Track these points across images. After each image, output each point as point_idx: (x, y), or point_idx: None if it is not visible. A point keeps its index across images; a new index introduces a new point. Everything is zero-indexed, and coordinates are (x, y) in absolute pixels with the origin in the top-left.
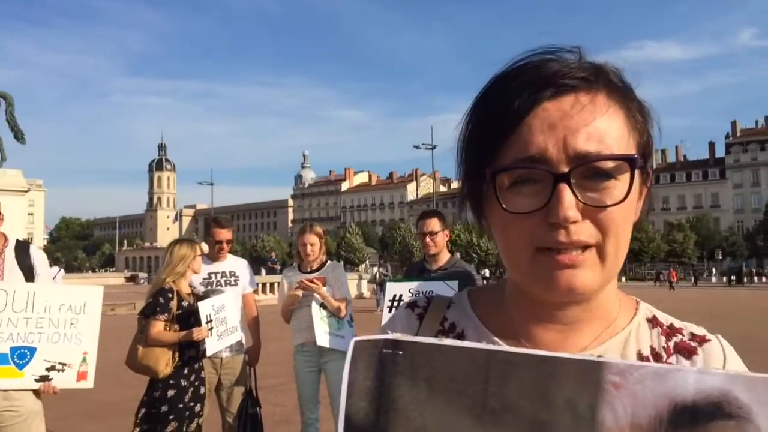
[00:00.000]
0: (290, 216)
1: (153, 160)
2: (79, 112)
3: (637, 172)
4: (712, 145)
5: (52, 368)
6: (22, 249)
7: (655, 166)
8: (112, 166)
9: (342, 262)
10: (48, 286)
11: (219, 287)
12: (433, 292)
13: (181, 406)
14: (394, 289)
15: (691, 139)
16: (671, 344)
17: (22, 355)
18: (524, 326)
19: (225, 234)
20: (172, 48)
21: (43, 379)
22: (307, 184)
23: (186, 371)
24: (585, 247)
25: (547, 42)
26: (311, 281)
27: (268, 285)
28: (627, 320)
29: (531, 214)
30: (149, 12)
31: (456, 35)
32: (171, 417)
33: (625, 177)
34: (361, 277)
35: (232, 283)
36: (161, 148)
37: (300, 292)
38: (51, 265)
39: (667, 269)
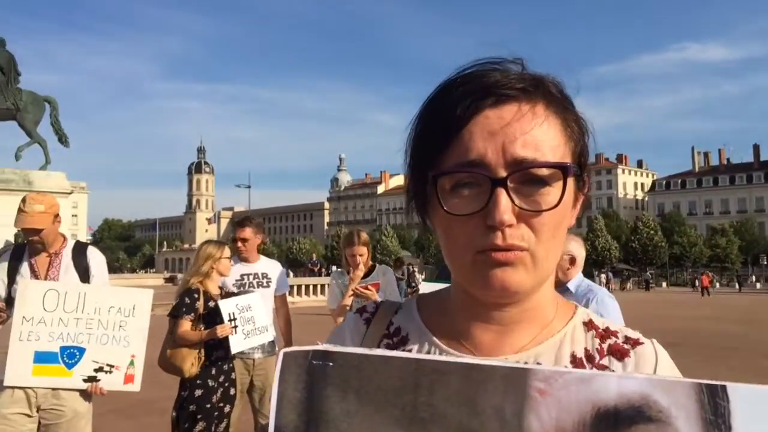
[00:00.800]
0: (326, 219)
1: (192, 163)
2: (121, 115)
3: (571, 180)
4: (756, 148)
5: (99, 369)
6: (80, 250)
7: (697, 170)
8: (152, 168)
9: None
10: (99, 287)
11: (251, 288)
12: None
13: (208, 406)
14: (427, 289)
15: (734, 142)
16: (605, 346)
17: (71, 355)
18: (465, 327)
19: (243, 232)
20: (210, 52)
21: (91, 379)
22: (343, 187)
23: (213, 372)
24: (518, 249)
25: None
26: (366, 288)
27: (303, 287)
28: (563, 323)
29: (470, 216)
30: (188, 16)
31: (488, 38)
32: (199, 416)
33: (559, 184)
34: None
35: (264, 284)
36: (200, 151)
37: (350, 300)
38: None
39: (709, 274)
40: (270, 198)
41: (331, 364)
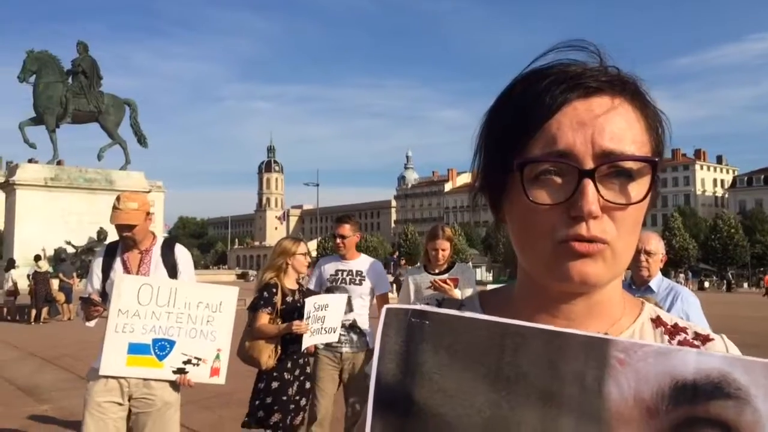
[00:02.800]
0: (393, 216)
1: (262, 162)
2: (195, 116)
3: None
4: None
5: (188, 362)
6: (168, 247)
7: None
8: (224, 167)
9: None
10: (189, 283)
11: (342, 284)
12: None
13: (284, 398)
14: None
15: None
16: (674, 343)
17: (162, 347)
18: (531, 321)
19: (342, 229)
20: (278, 53)
21: (180, 371)
22: (410, 185)
23: (289, 365)
24: (601, 242)
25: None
26: (444, 281)
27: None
28: (631, 320)
29: (553, 207)
30: (258, 19)
31: (557, 32)
32: (275, 408)
33: (646, 178)
34: None
35: (357, 282)
36: (270, 150)
37: (431, 293)
38: None
39: None
40: (337, 196)
41: (427, 322)
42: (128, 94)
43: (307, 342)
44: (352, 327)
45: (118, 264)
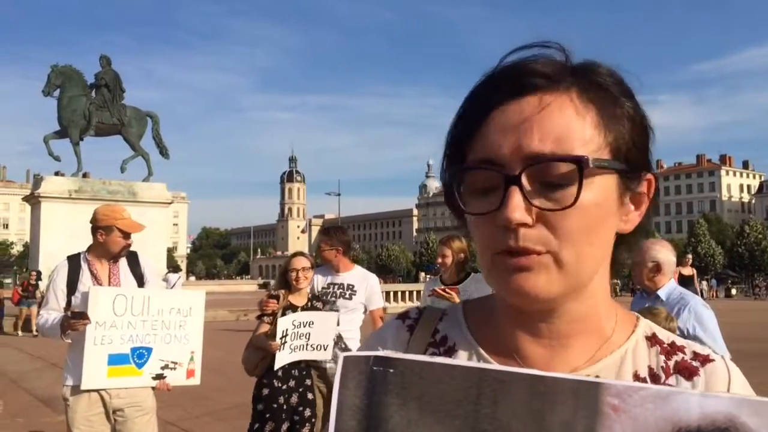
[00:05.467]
0: (415, 225)
1: (284, 172)
2: (216, 127)
3: (609, 178)
4: None
5: (166, 367)
6: (133, 259)
7: None
8: (247, 177)
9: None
10: (159, 291)
11: (333, 299)
12: None
13: (275, 405)
14: None
15: None
16: (671, 363)
17: (140, 355)
18: (513, 340)
19: (324, 252)
20: (298, 63)
21: (159, 377)
22: (431, 194)
23: (280, 374)
24: (535, 253)
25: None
26: (444, 290)
27: (399, 294)
28: (624, 338)
29: (486, 217)
30: (277, 30)
31: (577, 41)
32: (267, 416)
33: (573, 180)
34: None
35: (347, 296)
36: (292, 160)
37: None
38: (189, 274)
39: None
40: (359, 205)
41: (392, 370)
42: (150, 106)
43: (287, 359)
44: (336, 342)
45: (86, 277)
